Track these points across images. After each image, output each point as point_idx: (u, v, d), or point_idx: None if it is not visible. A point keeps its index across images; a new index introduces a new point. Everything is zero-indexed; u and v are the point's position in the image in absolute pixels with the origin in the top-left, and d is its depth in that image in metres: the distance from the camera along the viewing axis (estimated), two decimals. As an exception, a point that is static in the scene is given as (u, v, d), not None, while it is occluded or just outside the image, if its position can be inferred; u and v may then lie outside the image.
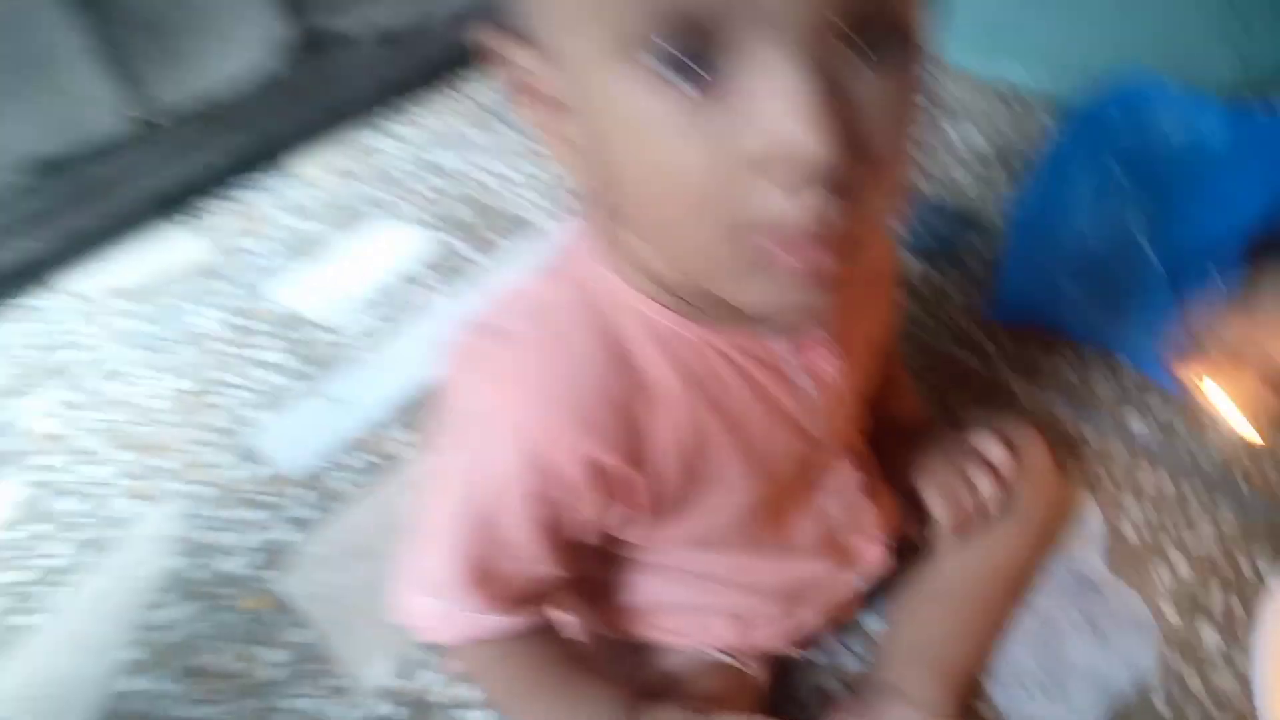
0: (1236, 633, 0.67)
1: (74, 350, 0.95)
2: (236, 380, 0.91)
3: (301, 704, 0.70)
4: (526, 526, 0.45)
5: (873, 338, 0.55)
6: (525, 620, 0.51)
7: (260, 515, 0.81)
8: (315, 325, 0.95)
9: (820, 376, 0.49)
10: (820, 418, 0.50)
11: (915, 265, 0.93)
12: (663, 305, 0.43)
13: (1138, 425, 0.80)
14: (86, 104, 0.91)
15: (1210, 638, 0.67)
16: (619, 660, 0.60)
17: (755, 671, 0.62)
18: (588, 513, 0.46)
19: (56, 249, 0.98)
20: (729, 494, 0.49)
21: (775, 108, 0.31)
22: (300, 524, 0.80)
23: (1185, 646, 0.67)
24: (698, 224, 0.34)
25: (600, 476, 0.44)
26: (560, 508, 0.45)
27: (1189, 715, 0.64)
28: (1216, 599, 0.69)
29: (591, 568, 0.55)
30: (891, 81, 0.33)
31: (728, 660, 0.61)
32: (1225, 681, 0.65)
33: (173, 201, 1.03)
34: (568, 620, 0.58)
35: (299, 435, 0.86)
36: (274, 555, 0.78)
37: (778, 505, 0.53)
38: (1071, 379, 0.83)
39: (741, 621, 0.60)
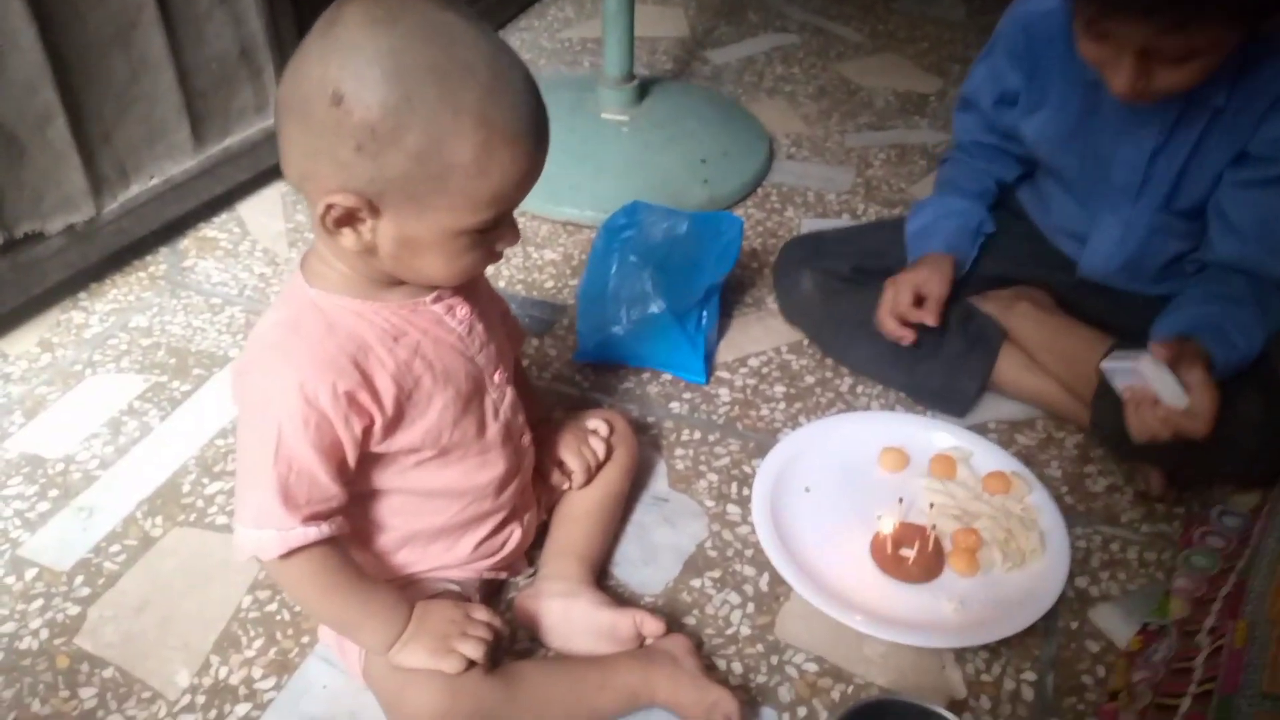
0: (745, 500, 1.10)
1: None
2: (-10, 515, 1.08)
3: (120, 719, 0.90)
4: (310, 450, 0.73)
5: (501, 332, 0.90)
6: (328, 531, 0.76)
7: (38, 604, 0.99)
8: (54, 460, 1.14)
9: (463, 319, 0.82)
10: (474, 345, 0.84)
11: (529, 341, 1.33)
12: (363, 300, 0.76)
13: (675, 406, 1.24)
14: None
15: (733, 509, 1.10)
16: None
17: (474, 595, 0.94)
18: (347, 432, 0.75)
19: None
20: (436, 401, 0.80)
21: (513, 234, 0.76)
22: (79, 600, 0.99)
23: (719, 518, 1.09)
24: (460, 275, 0.76)
25: (350, 401, 0.74)
26: (328, 431, 0.74)
27: (728, 553, 1.05)
28: (734, 490, 1.13)
29: (355, 512, 0.83)
30: None
31: (455, 589, 0.92)
32: (743, 530, 1.07)
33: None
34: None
35: (60, 539, 1.05)
36: (59, 628, 0.96)
37: (469, 408, 0.84)
38: (633, 388, 1.26)
39: (476, 534, 0.91)
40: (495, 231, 0.75)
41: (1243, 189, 1.06)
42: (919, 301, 1.21)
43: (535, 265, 1.48)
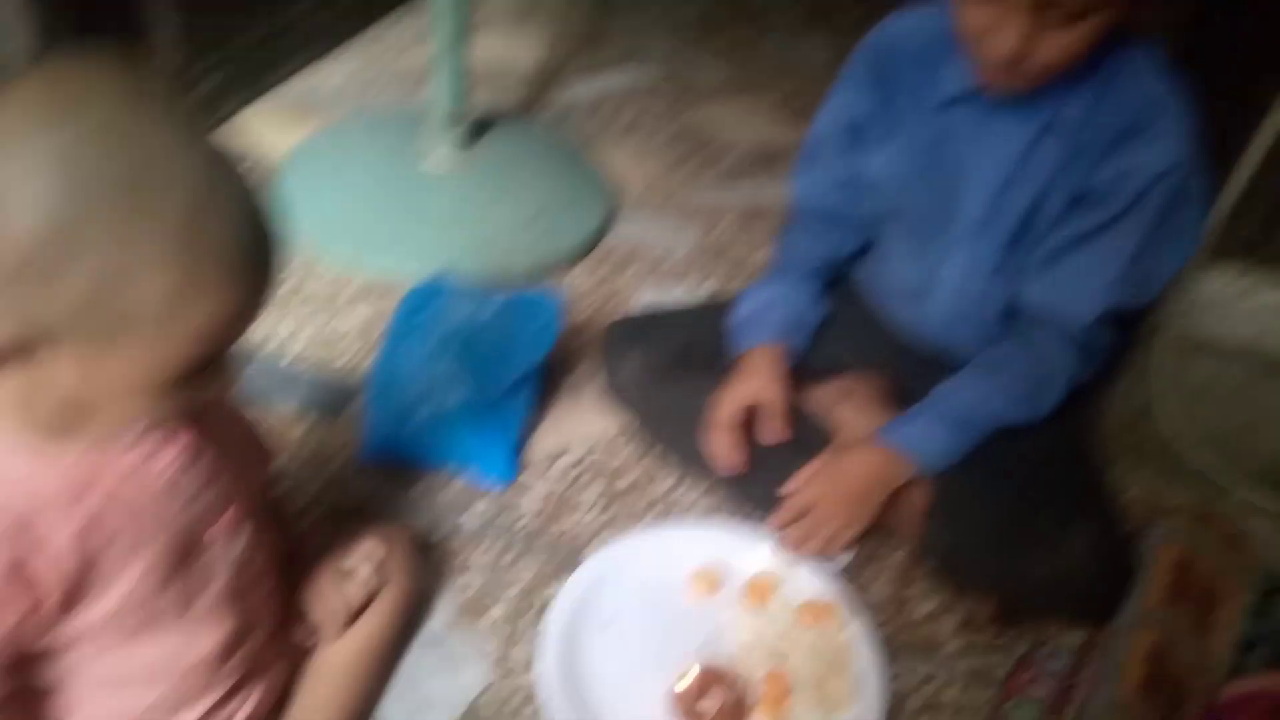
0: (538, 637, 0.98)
1: None
2: None
3: None
4: None
5: (240, 458, 0.75)
6: None
7: None
8: None
9: (175, 458, 0.67)
10: (191, 487, 0.69)
11: (299, 427, 1.18)
12: (32, 450, 0.61)
13: (470, 516, 1.10)
14: None
15: (520, 652, 0.97)
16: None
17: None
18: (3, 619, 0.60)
19: None
20: (132, 566, 0.65)
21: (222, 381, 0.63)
22: None
23: (501, 663, 0.96)
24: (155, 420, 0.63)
25: (7, 579, 0.58)
26: None
27: (513, 704, 0.93)
28: (527, 624, 1.00)
29: (14, 710, 0.67)
30: None
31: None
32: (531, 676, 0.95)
33: None
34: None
35: None
36: None
37: (181, 566, 0.69)
38: (423, 494, 1.12)
39: (192, 713, 0.75)
40: (202, 375, 0.60)
41: (1072, 234, 1.02)
42: (751, 417, 1.12)
43: (333, 335, 1.32)
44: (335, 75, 1.93)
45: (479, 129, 1.63)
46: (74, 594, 0.64)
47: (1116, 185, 0.99)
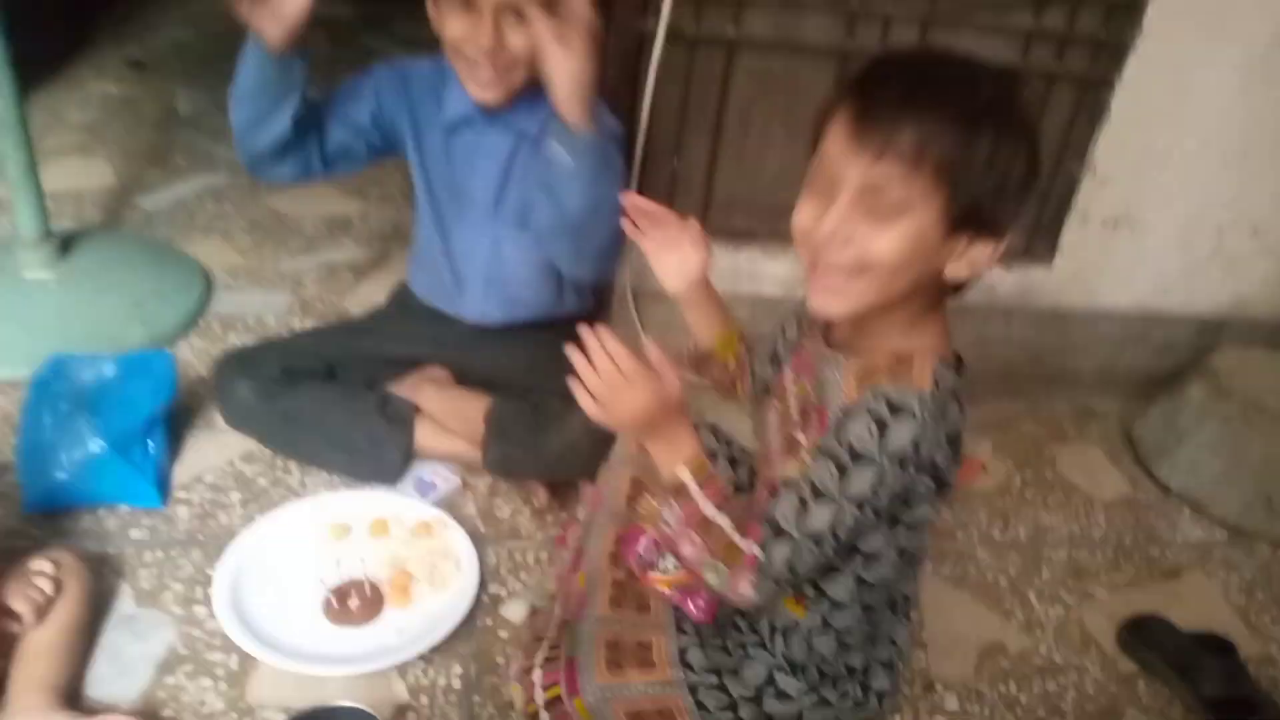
0: (211, 599, 1.26)
1: None
2: None
3: None
4: None
5: None
6: None
7: None
8: None
9: None
10: None
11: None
12: None
13: (136, 533, 1.36)
14: None
15: (200, 610, 1.26)
16: None
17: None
18: None
19: None
20: None
21: None
22: None
23: (188, 620, 1.25)
24: None
25: None
26: None
27: (199, 647, 1.21)
28: (200, 594, 1.28)
29: None
30: None
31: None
32: (212, 625, 1.24)
33: None
34: None
35: None
36: None
37: None
38: (91, 526, 1.37)
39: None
40: None
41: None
42: None
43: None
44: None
45: (70, 241, 1.84)
46: None
47: None
